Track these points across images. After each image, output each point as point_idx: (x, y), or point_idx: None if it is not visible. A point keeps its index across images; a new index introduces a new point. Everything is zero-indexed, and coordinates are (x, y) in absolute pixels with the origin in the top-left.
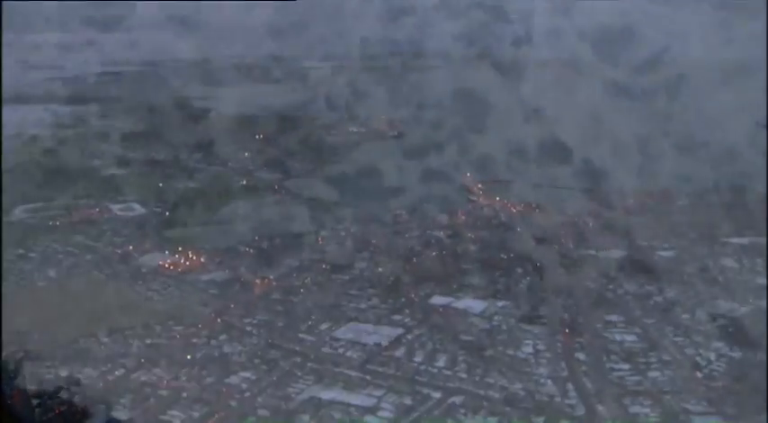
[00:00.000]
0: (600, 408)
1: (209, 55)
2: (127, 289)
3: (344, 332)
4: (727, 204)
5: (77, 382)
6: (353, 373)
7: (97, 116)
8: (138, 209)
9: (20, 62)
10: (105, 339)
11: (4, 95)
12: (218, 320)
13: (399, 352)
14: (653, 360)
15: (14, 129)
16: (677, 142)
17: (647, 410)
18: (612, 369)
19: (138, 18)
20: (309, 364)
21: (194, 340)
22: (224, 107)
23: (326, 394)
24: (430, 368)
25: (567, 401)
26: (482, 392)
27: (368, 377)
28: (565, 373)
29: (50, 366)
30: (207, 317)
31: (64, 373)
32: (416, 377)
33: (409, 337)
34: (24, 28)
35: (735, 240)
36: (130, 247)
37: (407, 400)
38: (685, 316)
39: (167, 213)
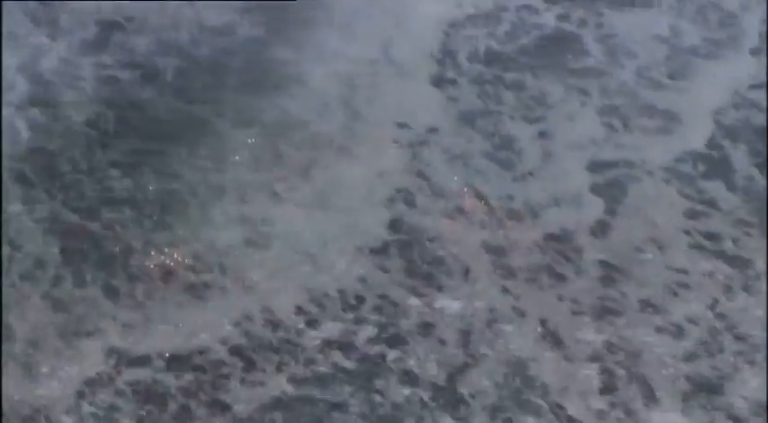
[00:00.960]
0: (565, 404)
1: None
2: (113, 291)
3: (320, 331)
4: None
5: None
6: (326, 370)
7: (92, 118)
8: (128, 212)
9: (19, 64)
10: (89, 339)
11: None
12: (198, 320)
13: (373, 350)
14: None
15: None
16: None
17: (610, 407)
18: (582, 367)
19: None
20: (283, 362)
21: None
22: (219, 110)
23: (298, 391)
24: (402, 365)
25: (533, 399)
26: (450, 388)
27: (340, 374)
28: (533, 372)
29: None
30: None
31: (46, 370)
32: (388, 374)
33: (384, 335)
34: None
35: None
36: (117, 249)
37: (377, 397)
38: (656, 316)
39: (155, 217)
